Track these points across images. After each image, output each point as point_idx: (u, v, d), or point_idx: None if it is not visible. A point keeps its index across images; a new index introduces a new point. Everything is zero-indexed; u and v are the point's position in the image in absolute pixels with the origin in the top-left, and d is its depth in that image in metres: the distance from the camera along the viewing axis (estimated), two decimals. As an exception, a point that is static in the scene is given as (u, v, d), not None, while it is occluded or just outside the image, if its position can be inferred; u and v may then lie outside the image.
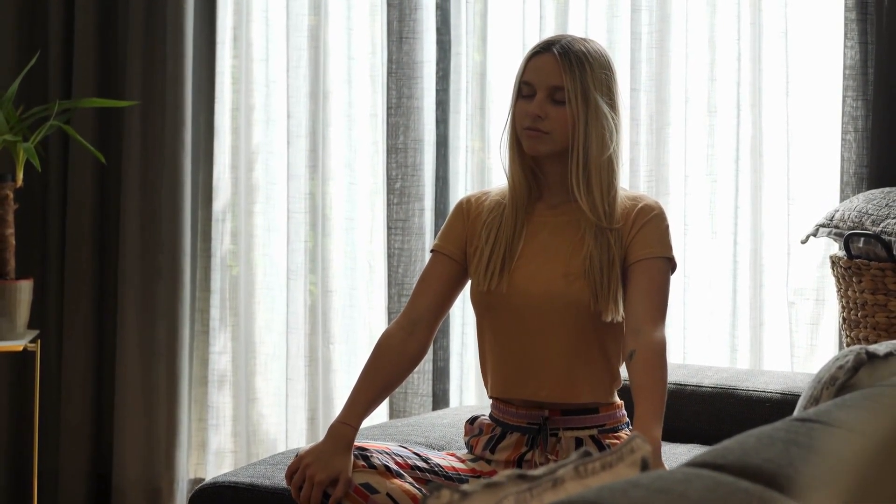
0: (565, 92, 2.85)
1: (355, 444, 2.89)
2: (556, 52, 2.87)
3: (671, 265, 2.90)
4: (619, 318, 2.88)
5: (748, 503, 1.30)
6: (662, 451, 3.36)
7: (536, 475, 1.41)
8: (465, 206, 3.00)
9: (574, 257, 2.88)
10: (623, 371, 2.97)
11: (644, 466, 1.53)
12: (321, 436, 4.33)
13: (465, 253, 2.98)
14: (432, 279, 2.98)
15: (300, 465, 2.83)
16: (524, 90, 2.90)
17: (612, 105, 2.89)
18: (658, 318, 2.83)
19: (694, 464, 1.46)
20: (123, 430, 4.37)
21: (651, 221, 2.88)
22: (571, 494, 1.32)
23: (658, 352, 2.79)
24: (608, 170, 2.87)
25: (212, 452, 4.46)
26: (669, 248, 2.89)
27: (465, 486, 1.38)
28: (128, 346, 4.38)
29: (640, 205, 2.89)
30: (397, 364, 2.93)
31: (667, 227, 2.91)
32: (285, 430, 4.41)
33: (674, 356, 4.06)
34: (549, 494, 1.39)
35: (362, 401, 2.89)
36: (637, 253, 2.86)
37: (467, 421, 3.05)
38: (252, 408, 4.44)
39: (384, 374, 2.92)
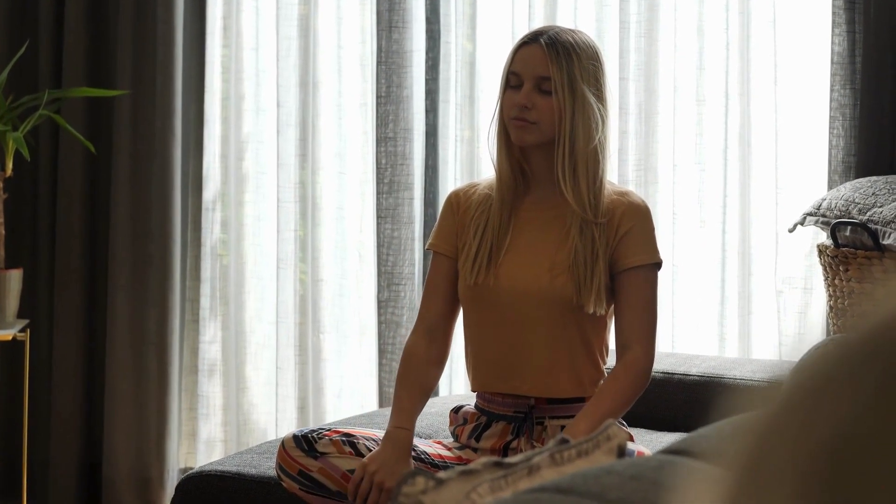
0: (552, 82, 2.86)
1: (341, 430, 2.91)
2: (543, 42, 2.87)
3: (658, 266, 2.93)
4: (603, 311, 2.89)
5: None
6: (650, 439, 3.37)
7: (512, 462, 1.42)
8: (455, 201, 3.01)
9: (559, 252, 2.90)
10: (609, 361, 2.99)
11: (620, 454, 1.53)
12: (311, 424, 4.34)
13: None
14: (439, 282, 3.00)
15: (365, 474, 2.82)
16: (512, 81, 2.91)
17: (600, 96, 2.89)
18: (646, 337, 2.88)
19: (669, 451, 1.47)
20: (114, 420, 4.38)
21: (637, 225, 2.89)
22: (545, 481, 1.32)
23: (636, 374, 2.85)
24: (594, 160, 2.87)
25: (202, 442, 4.46)
26: (656, 251, 2.92)
27: (440, 474, 1.39)
28: (118, 336, 4.38)
29: (626, 203, 2.90)
30: (426, 372, 2.97)
31: (652, 227, 2.93)
32: (275, 420, 4.41)
33: (662, 345, 4.07)
34: (525, 481, 1.40)
35: (408, 406, 2.91)
36: (624, 261, 2.88)
37: (452, 410, 3.06)
38: (242, 397, 4.44)
39: (418, 381, 2.95)
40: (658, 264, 2.92)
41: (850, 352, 0.64)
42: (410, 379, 2.94)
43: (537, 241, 2.92)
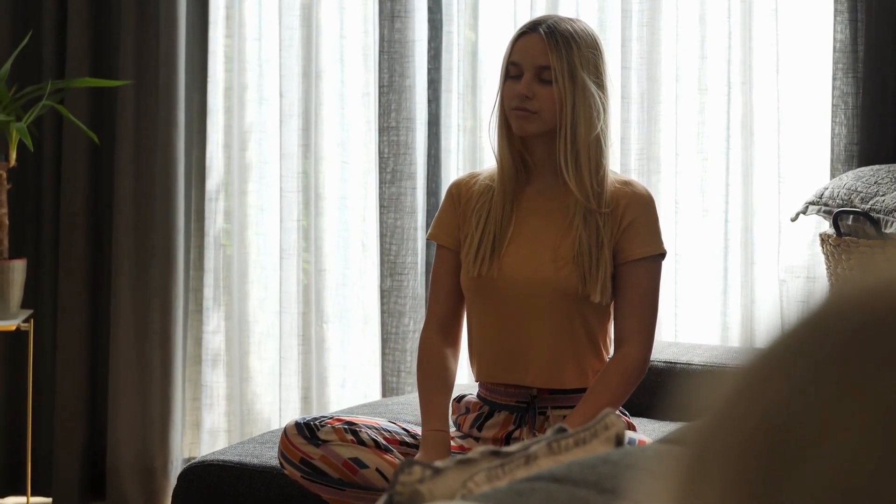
0: (552, 71, 2.85)
1: (344, 418, 2.91)
2: (542, 31, 2.87)
3: (662, 256, 2.92)
4: (608, 301, 2.90)
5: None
6: (652, 428, 3.38)
7: (509, 451, 1.42)
8: (455, 192, 3.01)
9: (563, 242, 2.89)
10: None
11: (618, 443, 1.53)
12: (315, 414, 4.34)
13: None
14: (443, 276, 3.01)
15: None
16: (511, 71, 2.91)
17: (600, 84, 2.89)
18: (643, 332, 2.88)
19: (667, 440, 1.47)
20: (117, 410, 4.38)
21: (642, 215, 2.89)
22: (542, 470, 1.33)
23: (627, 371, 2.85)
24: (596, 149, 2.87)
25: (206, 431, 4.47)
26: (660, 242, 2.91)
27: (437, 462, 1.39)
28: (121, 326, 4.38)
29: (629, 193, 2.89)
30: (446, 367, 2.98)
31: (657, 217, 2.93)
32: (279, 410, 4.42)
33: (665, 334, 4.07)
34: (522, 470, 1.40)
35: (437, 405, 2.91)
36: (627, 252, 2.88)
37: (454, 400, 3.06)
38: (246, 387, 4.45)
39: (441, 378, 2.96)
40: (662, 255, 2.92)
41: (793, 336, 0.65)
42: (434, 377, 2.94)
43: (540, 232, 2.92)
